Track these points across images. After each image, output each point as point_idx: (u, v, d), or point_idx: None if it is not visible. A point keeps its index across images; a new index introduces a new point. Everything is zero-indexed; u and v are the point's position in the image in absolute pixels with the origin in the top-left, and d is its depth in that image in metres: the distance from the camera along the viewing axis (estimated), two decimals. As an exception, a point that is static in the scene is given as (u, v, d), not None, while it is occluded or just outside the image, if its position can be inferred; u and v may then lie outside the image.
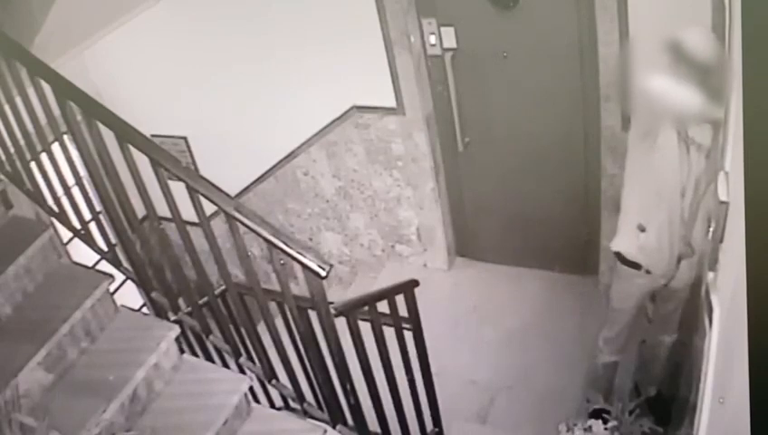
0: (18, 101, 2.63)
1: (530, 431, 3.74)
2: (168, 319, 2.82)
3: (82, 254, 3.17)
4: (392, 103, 4.39)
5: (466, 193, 4.80)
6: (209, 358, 3.05)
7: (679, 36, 2.63)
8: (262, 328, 2.65)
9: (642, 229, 3.01)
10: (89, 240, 2.92)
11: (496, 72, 4.10)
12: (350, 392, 2.59)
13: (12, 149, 2.83)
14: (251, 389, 2.80)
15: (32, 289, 2.69)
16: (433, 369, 3.22)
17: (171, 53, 3.77)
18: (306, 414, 2.83)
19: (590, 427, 3.02)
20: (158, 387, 2.63)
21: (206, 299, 2.77)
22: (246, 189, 4.37)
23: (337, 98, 4.45)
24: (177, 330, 2.70)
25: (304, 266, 2.18)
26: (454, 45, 4.11)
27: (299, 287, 2.50)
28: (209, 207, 2.34)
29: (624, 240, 3.11)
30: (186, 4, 3.65)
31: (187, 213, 2.39)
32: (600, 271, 4.35)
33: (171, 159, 2.36)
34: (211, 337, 2.83)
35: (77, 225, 2.90)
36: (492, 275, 4.91)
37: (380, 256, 5.24)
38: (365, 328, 2.78)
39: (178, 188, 2.33)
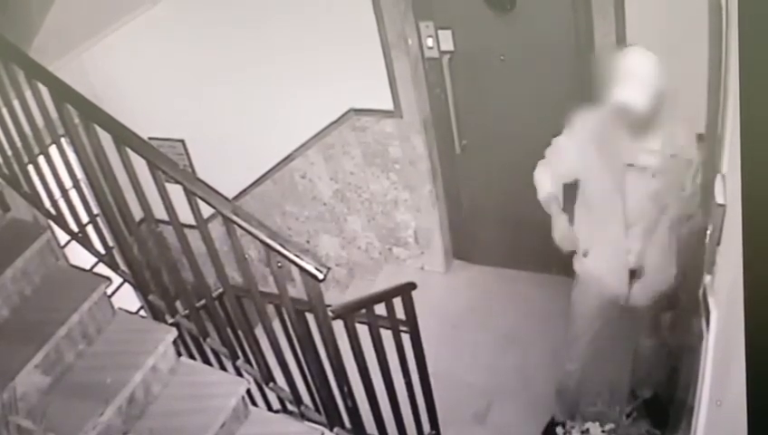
0: (16, 103, 2.63)
1: (527, 434, 3.74)
2: (165, 322, 2.82)
3: (80, 257, 3.17)
4: (389, 106, 4.39)
5: (464, 196, 4.80)
6: (207, 361, 3.04)
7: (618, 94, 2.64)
8: (259, 331, 2.65)
9: (585, 254, 3.11)
10: (86, 243, 2.92)
11: (494, 75, 4.11)
12: (348, 395, 2.59)
13: (9, 152, 2.83)
14: (248, 392, 2.79)
15: (29, 292, 2.69)
16: (430, 371, 3.22)
17: (169, 55, 3.78)
18: (303, 417, 2.82)
19: (588, 429, 3.02)
20: (156, 390, 2.63)
21: (203, 302, 2.77)
22: (244, 192, 4.37)
23: (334, 101, 4.45)
24: (174, 333, 2.70)
25: (302, 269, 2.18)
26: (451, 48, 4.11)
27: (296, 290, 2.50)
28: (207, 210, 2.34)
29: (576, 263, 3.20)
30: (184, 8, 3.65)
31: (185, 216, 2.39)
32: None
33: (169, 162, 2.37)
34: (208, 340, 2.83)
35: (74, 227, 2.90)
36: (489, 277, 4.91)
37: (378, 259, 5.24)
38: (362, 331, 2.78)
39: (176, 191, 2.34)
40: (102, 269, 2.98)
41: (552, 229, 3.06)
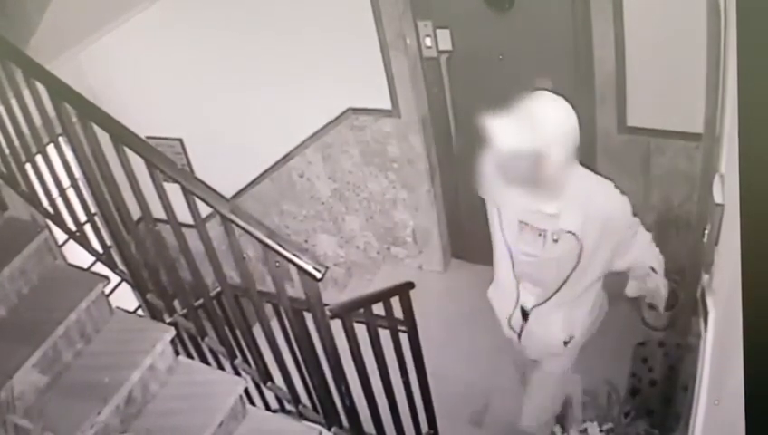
0: (13, 102, 2.63)
1: (525, 433, 3.74)
2: (163, 321, 2.82)
3: (78, 256, 3.16)
4: (388, 105, 4.39)
5: (462, 195, 4.79)
6: (204, 360, 3.04)
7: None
8: (257, 330, 2.65)
9: (492, 280, 3.16)
10: (84, 242, 2.91)
11: (492, 75, 4.10)
12: (346, 394, 2.59)
13: (7, 151, 2.82)
14: (246, 391, 2.80)
15: (27, 291, 2.68)
16: (428, 371, 3.21)
17: (167, 54, 3.77)
18: (301, 416, 2.83)
19: (585, 429, 3.02)
20: (154, 389, 2.63)
21: (201, 301, 2.77)
22: (242, 191, 4.36)
23: (332, 100, 4.45)
24: (172, 332, 2.70)
25: (300, 269, 2.18)
26: (449, 47, 4.11)
27: (294, 289, 2.50)
28: (205, 209, 2.34)
29: None
30: (182, 7, 3.65)
31: (183, 215, 2.39)
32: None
33: (167, 161, 2.37)
34: (206, 339, 2.83)
35: (72, 226, 2.90)
36: (487, 277, 4.85)
37: (376, 259, 5.24)
38: (360, 330, 2.78)
39: (174, 190, 2.33)
40: (100, 268, 2.97)
41: None
